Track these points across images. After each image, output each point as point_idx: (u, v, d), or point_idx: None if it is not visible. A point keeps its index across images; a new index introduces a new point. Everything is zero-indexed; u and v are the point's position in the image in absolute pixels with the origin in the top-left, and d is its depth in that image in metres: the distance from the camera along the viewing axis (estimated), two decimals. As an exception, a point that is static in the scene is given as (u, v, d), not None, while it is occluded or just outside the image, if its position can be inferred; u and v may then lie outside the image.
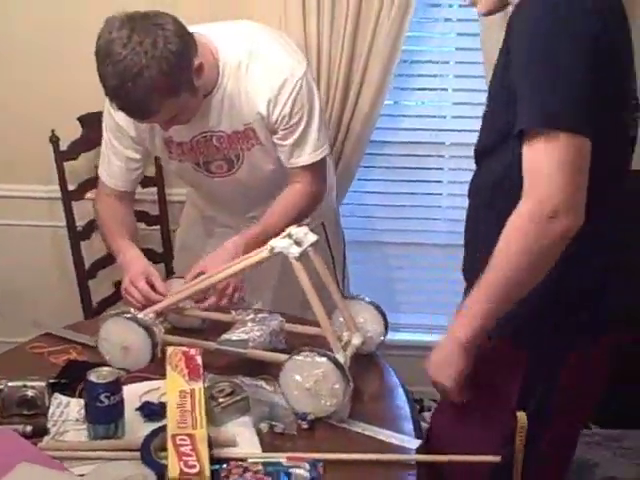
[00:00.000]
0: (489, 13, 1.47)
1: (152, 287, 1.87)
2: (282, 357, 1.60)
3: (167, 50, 1.67)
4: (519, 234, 1.31)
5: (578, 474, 2.21)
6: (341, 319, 1.76)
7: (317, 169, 2.04)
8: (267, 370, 1.66)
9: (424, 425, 1.83)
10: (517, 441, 1.46)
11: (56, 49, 2.64)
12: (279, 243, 1.64)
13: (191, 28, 1.86)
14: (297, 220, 1.90)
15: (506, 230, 1.33)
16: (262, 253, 1.65)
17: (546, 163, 1.26)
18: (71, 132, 2.54)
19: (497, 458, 1.45)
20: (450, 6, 2.61)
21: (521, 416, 1.45)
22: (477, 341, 1.41)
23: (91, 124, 2.49)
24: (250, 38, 1.95)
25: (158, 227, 2.75)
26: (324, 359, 1.53)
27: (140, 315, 1.72)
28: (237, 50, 1.91)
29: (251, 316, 1.77)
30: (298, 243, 1.65)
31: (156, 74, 1.67)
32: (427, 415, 2.66)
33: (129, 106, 1.76)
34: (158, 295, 1.85)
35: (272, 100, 1.90)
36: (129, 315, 1.70)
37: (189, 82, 1.77)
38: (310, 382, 1.53)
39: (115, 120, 1.99)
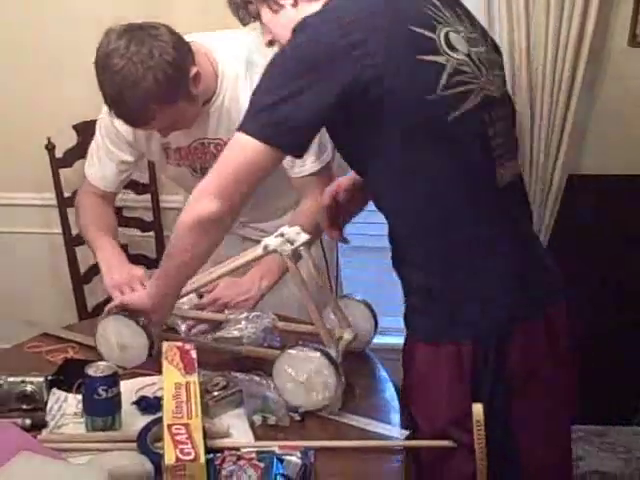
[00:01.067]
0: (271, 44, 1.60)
1: None
2: (275, 353, 1.64)
3: (163, 60, 1.72)
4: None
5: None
6: (333, 316, 1.80)
7: (322, 178, 2.03)
8: (260, 367, 1.70)
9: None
10: (475, 435, 1.42)
11: (53, 58, 2.68)
12: (272, 241, 1.69)
13: (189, 37, 1.91)
14: (316, 237, 1.97)
15: None
16: (256, 251, 1.69)
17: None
18: (66, 140, 2.59)
19: (451, 443, 1.49)
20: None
21: (477, 408, 1.42)
22: None
23: (86, 132, 2.52)
24: (247, 47, 1.99)
25: (152, 233, 2.79)
26: (317, 354, 1.57)
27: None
28: (235, 59, 1.95)
29: (244, 314, 1.82)
30: (291, 242, 1.69)
31: (152, 83, 1.72)
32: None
33: (127, 114, 1.81)
34: None
35: None
36: (127, 314, 1.74)
37: (186, 90, 1.81)
38: (303, 376, 1.57)
39: (114, 124, 2.03)
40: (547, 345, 1.51)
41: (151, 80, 1.71)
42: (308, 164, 2.01)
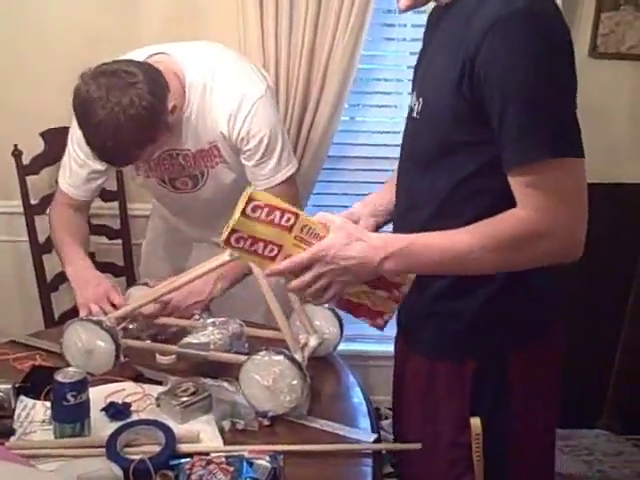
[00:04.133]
0: (408, 9, 1.47)
1: (112, 305, 1.91)
2: (241, 358, 1.66)
3: (141, 107, 1.73)
4: (525, 246, 1.30)
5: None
6: (298, 323, 1.82)
7: (285, 192, 2.00)
8: (228, 372, 1.71)
9: (383, 434, 1.88)
10: (473, 448, 1.45)
11: (21, 64, 2.66)
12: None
13: (156, 47, 1.92)
14: None
15: (511, 231, 1.31)
16: (222, 257, 1.70)
17: (559, 191, 1.28)
18: (34, 147, 2.58)
19: (417, 445, 1.52)
20: (404, 26, 2.71)
21: (475, 422, 1.45)
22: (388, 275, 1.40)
23: (54, 139, 2.52)
24: (212, 60, 2.01)
25: (119, 241, 2.78)
26: (281, 357, 1.59)
27: (104, 319, 1.76)
28: (201, 72, 1.96)
29: (211, 320, 1.83)
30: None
31: (133, 132, 1.75)
32: (385, 424, 2.71)
33: (112, 160, 1.86)
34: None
35: (231, 120, 1.96)
36: (93, 319, 1.74)
37: (165, 126, 1.85)
38: (269, 380, 1.58)
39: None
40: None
41: (132, 128, 1.74)
42: (269, 177, 2.03)
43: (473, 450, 1.45)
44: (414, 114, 1.47)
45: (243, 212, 1.31)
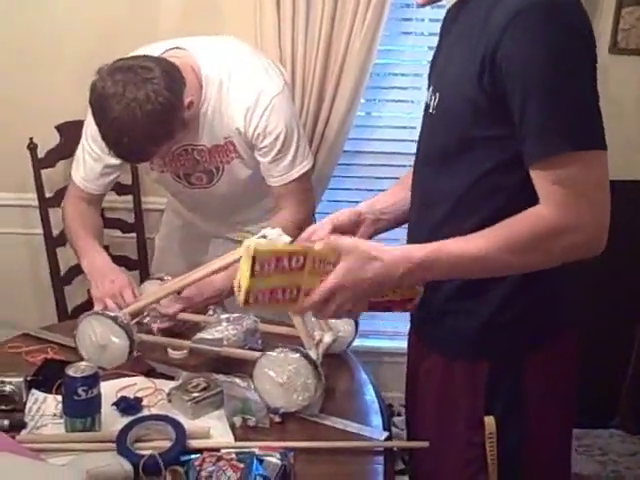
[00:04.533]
0: (426, 3, 1.46)
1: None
2: (256, 354, 1.65)
3: (158, 103, 1.73)
4: (545, 244, 1.28)
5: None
6: (313, 319, 1.81)
7: (299, 189, 2.05)
8: (241, 368, 1.69)
9: (395, 430, 1.87)
10: (487, 447, 1.43)
11: (36, 58, 2.66)
12: (254, 243, 1.69)
13: (172, 42, 1.91)
14: None
15: (529, 231, 1.28)
16: (237, 253, 1.69)
17: (581, 185, 1.26)
18: (49, 140, 2.58)
19: (426, 444, 1.51)
20: (421, 20, 2.69)
21: (489, 420, 1.43)
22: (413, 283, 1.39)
23: (69, 133, 2.52)
24: (229, 55, 2.00)
25: (133, 235, 2.78)
26: (297, 355, 1.58)
27: (119, 314, 1.75)
28: (218, 68, 1.96)
29: (225, 316, 1.82)
30: (272, 244, 1.70)
31: (150, 127, 1.74)
32: (397, 420, 2.70)
33: (127, 157, 1.87)
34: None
35: (247, 116, 1.95)
36: (108, 314, 1.74)
37: (181, 122, 1.84)
38: (283, 377, 1.57)
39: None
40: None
41: (148, 124, 1.74)
42: (285, 174, 2.03)
43: (487, 450, 1.44)
44: (430, 110, 1.45)
45: (252, 273, 1.27)
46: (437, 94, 1.43)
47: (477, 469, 1.47)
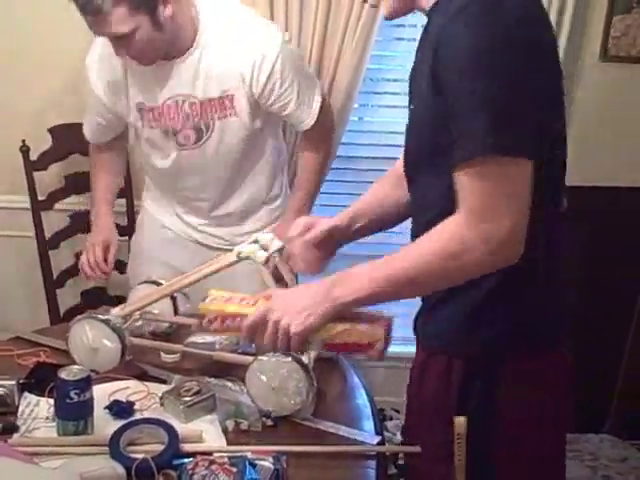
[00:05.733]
0: (392, 17, 1.46)
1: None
2: (248, 358, 1.65)
3: None
4: (455, 255, 1.28)
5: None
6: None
7: (323, 120, 2.20)
8: (234, 372, 1.70)
9: (387, 435, 1.87)
10: (455, 448, 1.41)
11: (29, 61, 2.65)
12: (246, 248, 1.69)
13: None
14: (324, 174, 2.41)
15: (439, 241, 1.30)
16: (230, 257, 1.70)
17: (497, 192, 1.24)
18: (41, 143, 2.58)
19: (417, 448, 1.51)
20: (414, 26, 2.70)
21: (458, 421, 1.41)
22: (345, 310, 1.43)
23: (61, 135, 2.53)
24: (232, 6, 2.05)
25: (126, 238, 2.77)
26: (289, 359, 1.58)
27: (111, 318, 1.75)
28: (219, 13, 1.99)
29: (218, 319, 1.82)
30: (264, 248, 1.70)
31: None
32: (389, 424, 2.71)
33: (99, 8, 1.85)
34: (104, 266, 2.25)
35: (257, 64, 1.98)
36: (100, 317, 1.73)
37: (151, 5, 1.85)
38: (276, 381, 1.57)
39: (93, 90, 2.11)
40: None
41: None
42: (313, 114, 2.16)
43: (455, 449, 1.42)
44: (407, 121, 1.49)
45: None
46: (412, 106, 1.46)
47: (448, 469, 1.46)
